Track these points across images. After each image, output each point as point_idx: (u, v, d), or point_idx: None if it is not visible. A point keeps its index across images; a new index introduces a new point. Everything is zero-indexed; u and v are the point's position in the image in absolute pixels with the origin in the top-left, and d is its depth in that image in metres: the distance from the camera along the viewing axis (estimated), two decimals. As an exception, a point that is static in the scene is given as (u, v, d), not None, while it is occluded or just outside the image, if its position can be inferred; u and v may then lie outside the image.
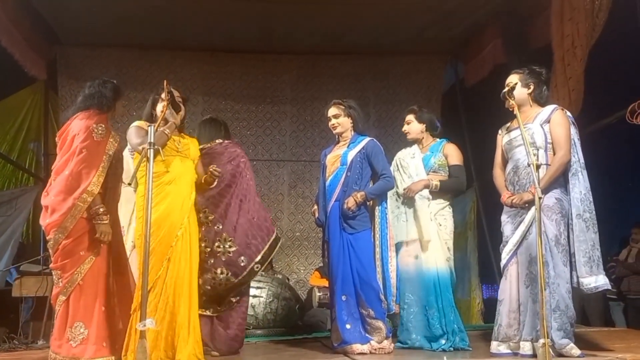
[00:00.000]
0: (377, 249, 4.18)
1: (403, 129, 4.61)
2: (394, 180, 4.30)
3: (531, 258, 3.60)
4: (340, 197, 4.17)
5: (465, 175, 4.49)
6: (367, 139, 4.28)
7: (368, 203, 4.18)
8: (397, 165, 4.53)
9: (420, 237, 4.28)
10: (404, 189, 4.34)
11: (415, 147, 4.56)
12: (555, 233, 3.59)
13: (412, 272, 4.29)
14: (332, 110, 4.33)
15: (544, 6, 5.96)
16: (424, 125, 4.55)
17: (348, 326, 4.02)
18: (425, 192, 4.32)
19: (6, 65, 6.27)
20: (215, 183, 4.00)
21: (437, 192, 4.36)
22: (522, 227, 3.68)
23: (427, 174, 4.38)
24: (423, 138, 4.57)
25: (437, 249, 4.28)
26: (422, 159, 4.47)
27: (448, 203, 4.42)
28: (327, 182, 4.28)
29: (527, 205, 3.65)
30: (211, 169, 3.87)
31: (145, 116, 3.89)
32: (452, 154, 4.47)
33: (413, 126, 4.56)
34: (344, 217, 4.11)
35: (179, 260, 3.54)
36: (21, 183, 7.52)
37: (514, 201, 3.71)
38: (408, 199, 4.34)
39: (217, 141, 4.31)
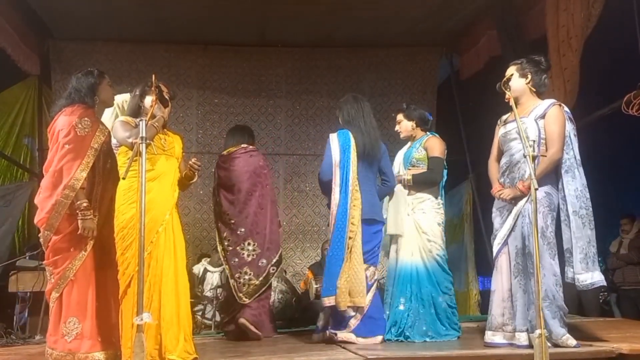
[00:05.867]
0: None
1: (395, 129, 4.66)
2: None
3: (518, 249, 3.63)
4: None
5: (442, 167, 4.47)
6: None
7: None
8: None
9: (397, 232, 4.35)
10: None
11: (409, 143, 4.62)
12: (541, 225, 3.56)
13: (392, 265, 4.42)
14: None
15: (538, -3, 5.97)
16: (414, 122, 4.59)
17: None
18: (399, 187, 4.40)
19: (-1, 60, 6.23)
20: (196, 178, 3.90)
21: (414, 186, 4.39)
22: (510, 219, 3.70)
23: (408, 169, 4.45)
24: (415, 135, 4.60)
25: (412, 243, 4.33)
26: (404, 154, 4.55)
27: (430, 197, 4.41)
28: None
29: (513, 201, 3.67)
30: (191, 162, 3.77)
31: (131, 110, 3.76)
32: (432, 146, 4.47)
33: (403, 125, 4.62)
34: None
35: (161, 257, 3.44)
36: (16, 179, 7.48)
37: (501, 195, 3.73)
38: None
39: (242, 146, 4.84)
